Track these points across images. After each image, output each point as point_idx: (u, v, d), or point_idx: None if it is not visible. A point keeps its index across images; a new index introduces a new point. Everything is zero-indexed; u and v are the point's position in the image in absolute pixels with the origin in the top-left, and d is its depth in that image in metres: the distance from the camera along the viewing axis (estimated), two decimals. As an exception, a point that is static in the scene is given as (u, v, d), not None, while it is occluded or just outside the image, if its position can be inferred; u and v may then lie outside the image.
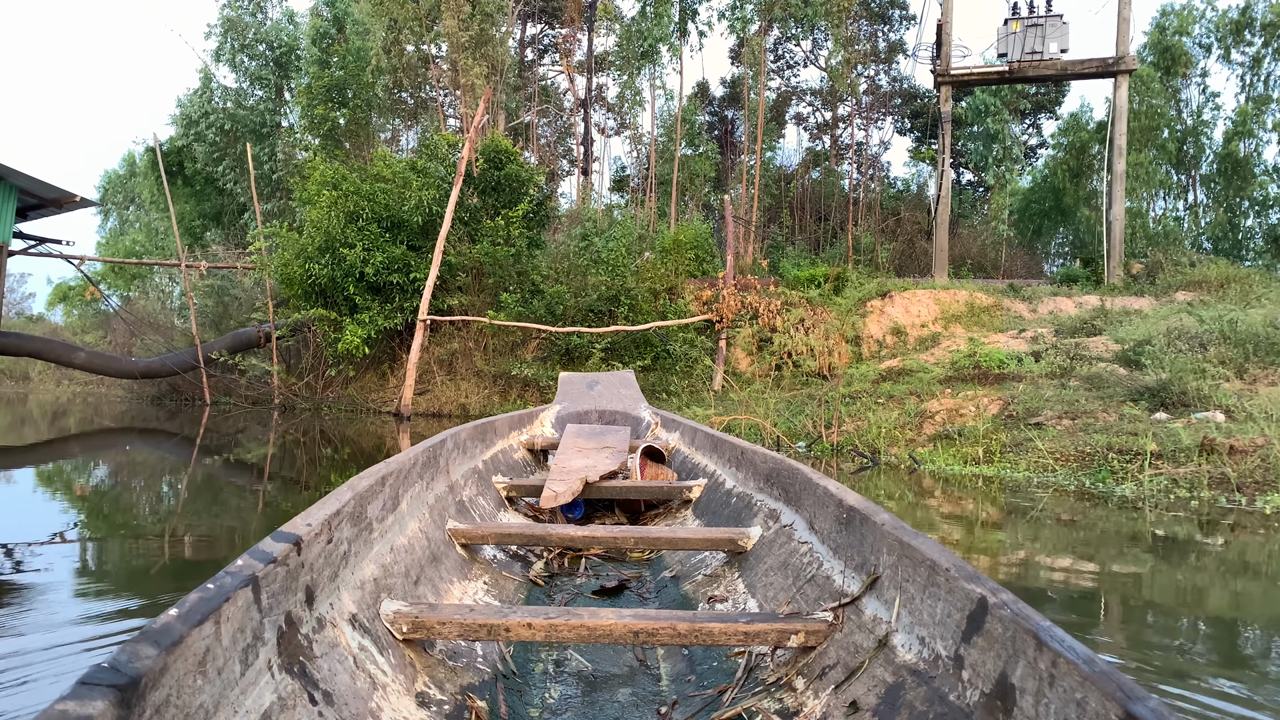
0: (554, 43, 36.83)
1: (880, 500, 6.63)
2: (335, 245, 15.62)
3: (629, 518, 4.24)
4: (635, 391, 6.48)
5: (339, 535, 1.78)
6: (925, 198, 32.71)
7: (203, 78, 26.73)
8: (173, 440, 11.44)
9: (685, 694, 1.98)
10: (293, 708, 1.34)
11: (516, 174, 17.15)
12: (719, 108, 39.94)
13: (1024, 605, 1.32)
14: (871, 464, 8.43)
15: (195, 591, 1.22)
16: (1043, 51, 19.36)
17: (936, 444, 8.78)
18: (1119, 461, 7.02)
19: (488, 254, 16.08)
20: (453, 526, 2.79)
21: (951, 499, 6.66)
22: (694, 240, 18.06)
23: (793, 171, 33.93)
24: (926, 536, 1.72)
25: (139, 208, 34.55)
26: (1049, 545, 4.98)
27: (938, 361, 13.58)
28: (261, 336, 17.46)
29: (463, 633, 1.84)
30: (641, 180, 31.26)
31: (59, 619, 2.92)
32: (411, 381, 14.05)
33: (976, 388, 10.39)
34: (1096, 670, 1.08)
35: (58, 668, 2.40)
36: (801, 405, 11.19)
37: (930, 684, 1.46)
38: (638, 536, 2.84)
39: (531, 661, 2.20)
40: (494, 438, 4.47)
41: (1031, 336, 14.79)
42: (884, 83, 38.38)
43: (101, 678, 0.95)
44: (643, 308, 16.70)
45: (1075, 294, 17.52)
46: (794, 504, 2.63)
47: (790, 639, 1.85)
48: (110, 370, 16.81)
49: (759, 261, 20.37)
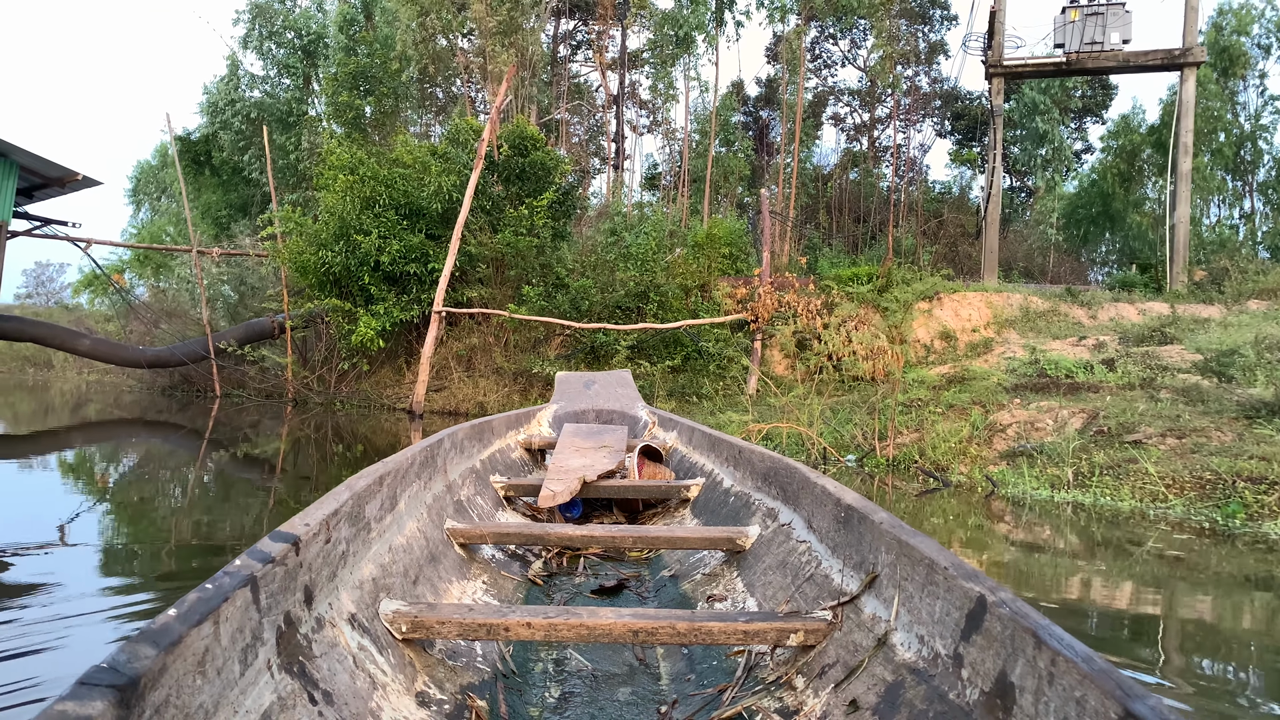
0: (587, 39, 35.74)
1: (959, 534, 5.35)
2: (349, 232, 14.52)
3: (627, 517, 4.15)
4: (632, 391, 6.37)
5: (337, 535, 1.75)
6: (968, 200, 31.21)
7: (230, 65, 25.86)
8: (179, 434, 10.69)
9: (685, 693, 1.94)
10: (292, 708, 1.31)
11: (542, 161, 15.97)
12: (753, 108, 38.70)
13: (1023, 603, 1.29)
14: (942, 485, 7.13)
15: (194, 591, 1.19)
16: (1103, 42, 17.88)
17: (1012, 462, 7.46)
18: (1252, 493, 5.67)
19: (509, 244, 14.91)
20: (451, 526, 2.74)
21: (1045, 533, 5.36)
22: (728, 235, 16.76)
23: (830, 171, 32.58)
24: (925, 535, 1.66)
25: (171, 199, 33.85)
26: (1210, 608, 3.69)
27: (992, 368, 12.22)
28: (276, 327, 16.41)
29: (462, 632, 1.80)
30: (674, 178, 30.05)
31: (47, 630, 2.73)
32: (424, 377, 12.90)
33: (1049, 398, 9.04)
34: (1096, 668, 1.06)
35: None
36: (848, 413, 9.89)
37: (930, 682, 1.42)
38: (636, 536, 2.79)
39: (531, 661, 2.16)
40: (491, 437, 4.39)
41: (1094, 344, 13.40)
42: (924, 84, 37.00)
43: (101, 678, 0.93)
44: (673, 305, 15.46)
45: (1138, 300, 16.05)
46: (792, 503, 2.59)
47: (789, 638, 1.82)
48: (116, 358, 15.83)
49: (797, 259, 19.05)
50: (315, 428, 12.13)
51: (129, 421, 12.65)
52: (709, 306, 15.66)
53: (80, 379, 22.73)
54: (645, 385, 14.21)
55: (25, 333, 14.96)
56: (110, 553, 4.04)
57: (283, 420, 13.12)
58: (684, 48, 23.58)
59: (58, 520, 4.68)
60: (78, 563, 3.77)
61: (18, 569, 3.61)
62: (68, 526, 4.52)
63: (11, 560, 3.73)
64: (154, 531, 4.56)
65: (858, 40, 37.13)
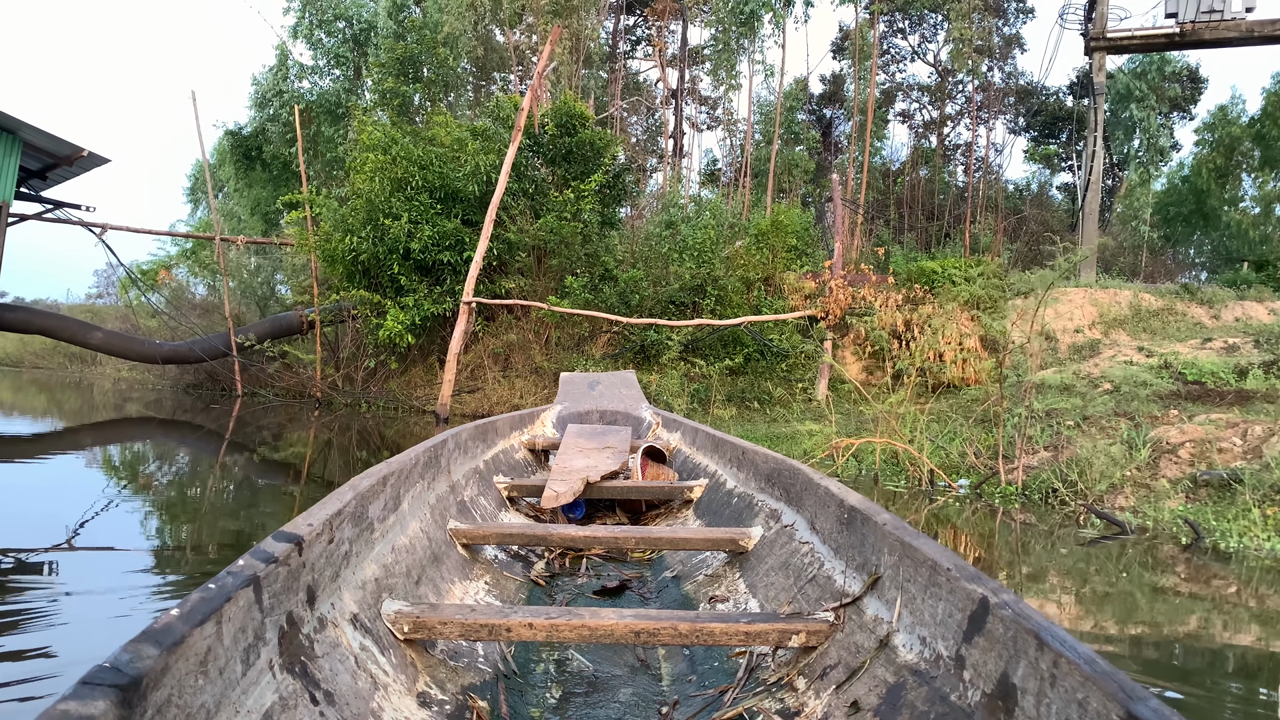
0: (646, 34, 33.99)
1: (1201, 614, 3.35)
2: (378, 216, 12.87)
3: (630, 518, 4.00)
4: (636, 391, 6.21)
5: (340, 535, 1.71)
6: (1046, 197, 28.67)
7: (279, 55, 24.61)
8: (196, 435, 9.56)
9: (686, 694, 1.90)
10: (294, 708, 1.29)
11: (591, 141, 14.14)
12: (817, 105, 36.53)
13: (1025, 605, 1.25)
14: (1122, 531, 5.06)
15: (196, 591, 1.17)
16: (1223, 10, 15.45)
17: (1194, 495, 5.37)
18: None
19: (553, 230, 13.10)
20: (454, 526, 2.68)
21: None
22: (795, 224, 14.72)
23: (900, 166, 30.37)
24: (927, 537, 1.61)
25: (228, 196, 33.01)
26: None
27: (1102, 374, 10.04)
28: (304, 322, 14.86)
29: (464, 633, 1.76)
30: (734, 172, 28.07)
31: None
32: (451, 376, 11.15)
33: (1215, 408, 6.90)
34: (1098, 670, 1.04)
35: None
36: (949, 426, 7.87)
37: (932, 684, 1.40)
38: (639, 537, 2.72)
39: (533, 661, 2.10)
40: (495, 438, 4.23)
41: (1224, 346, 11.14)
42: (997, 79, 34.48)
43: (103, 678, 0.91)
44: (733, 300, 13.52)
45: (1267, 298, 13.66)
46: (795, 504, 2.51)
47: (791, 639, 1.78)
48: (131, 353, 14.42)
49: (873, 250, 16.90)
50: (340, 430, 10.75)
51: (141, 421, 11.25)
52: (773, 302, 13.67)
53: (116, 375, 21.59)
54: (700, 389, 12.30)
55: (33, 324, 13.61)
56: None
57: (305, 422, 11.60)
58: (749, 27, 21.54)
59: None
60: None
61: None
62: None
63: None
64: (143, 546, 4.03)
65: (927, 35, 34.90)
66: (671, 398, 11.13)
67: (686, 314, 13.32)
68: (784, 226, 14.23)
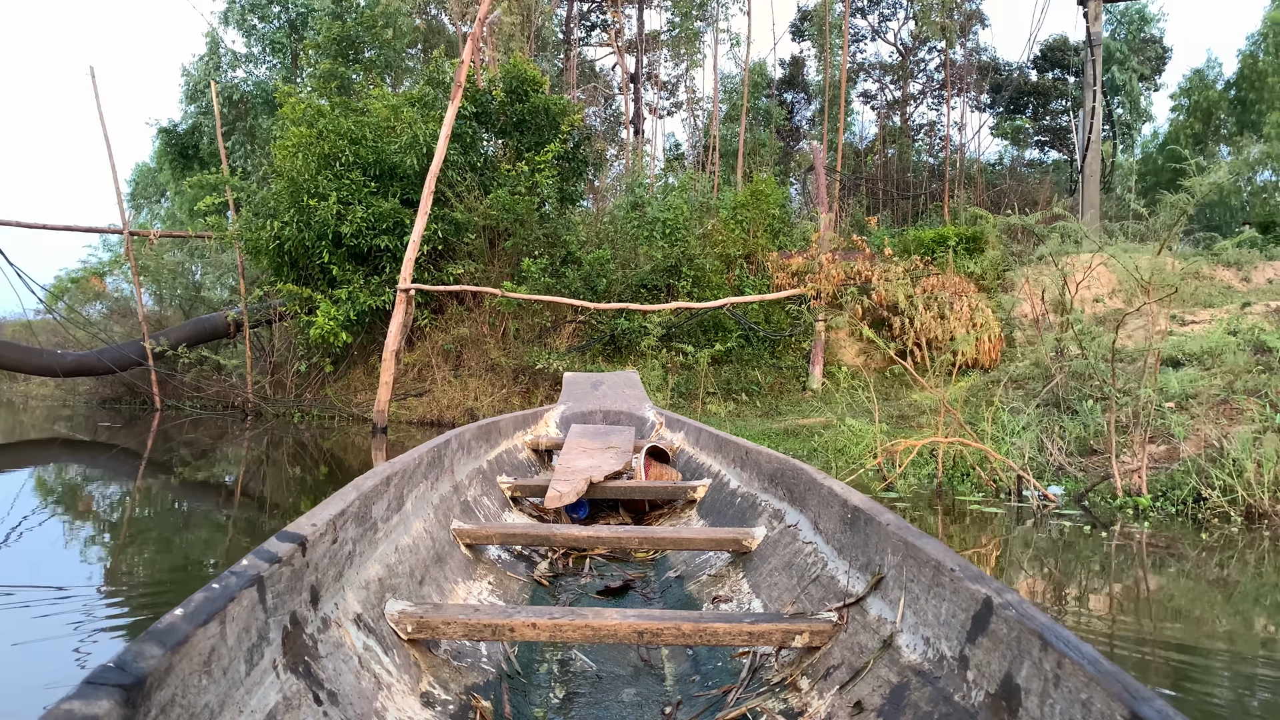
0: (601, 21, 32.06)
1: None
2: (302, 197, 10.85)
3: (633, 518, 3.85)
4: (640, 391, 5.99)
5: (344, 535, 1.65)
6: (1020, 169, 27.26)
7: (209, 43, 22.33)
8: (108, 455, 8.25)
9: (690, 694, 1.81)
10: (297, 708, 1.23)
11: (545, 107, 12.20)
12: (777, 90, 34.86)
13: (1029, 605, 1.20)
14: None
15: (200, 591, 1.12)
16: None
17: None
18: None
19: (506, 207, 11.15)
20: (457, 526, 2.57)
21: None
22: (777, 196, 12.90)
23: (870, 144, 28.85)
24: (931, 537, 1.53)
25: (169, 199, 30.62)
26: None
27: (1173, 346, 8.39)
28: (231, 325, 12.78)
29: (467, 633, 1.70)
30: (700, 153, 26.25)
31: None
32: (388, 378, 9.18)
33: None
34: (1102, 671, 0.99)
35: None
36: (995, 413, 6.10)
37: (935, 684, 1.34)
38: (642, 537, 2.63)
39: (536, 662, 2.01)
40: (498, 438, 4.08)
41: (1272, 309, 9.60)
42: (958, 56, 33.08)
43: (107, 677, 0.87)
44: (712, 281, 11.69)
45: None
46: (798, 504, 2.42)
47: (795, 639, 1.71)
48: (28, 366, 12.28)
49: (865, 218, 15.17)
50: (272, 444, 9.04)
51: (42, 443, 9.28)
52: (756, 281, 11.86)
53: (27, 393, 19.18)
54: (685, 380, 10.46)
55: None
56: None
57: (233, 436, 9.69)
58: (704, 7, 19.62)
59: None
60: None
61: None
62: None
63: None
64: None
65: (885, 13, 33.42)
66: (652, 392, 9.28)
67: (660, 298, 11.46)
68: (765, 197, 12.40)
